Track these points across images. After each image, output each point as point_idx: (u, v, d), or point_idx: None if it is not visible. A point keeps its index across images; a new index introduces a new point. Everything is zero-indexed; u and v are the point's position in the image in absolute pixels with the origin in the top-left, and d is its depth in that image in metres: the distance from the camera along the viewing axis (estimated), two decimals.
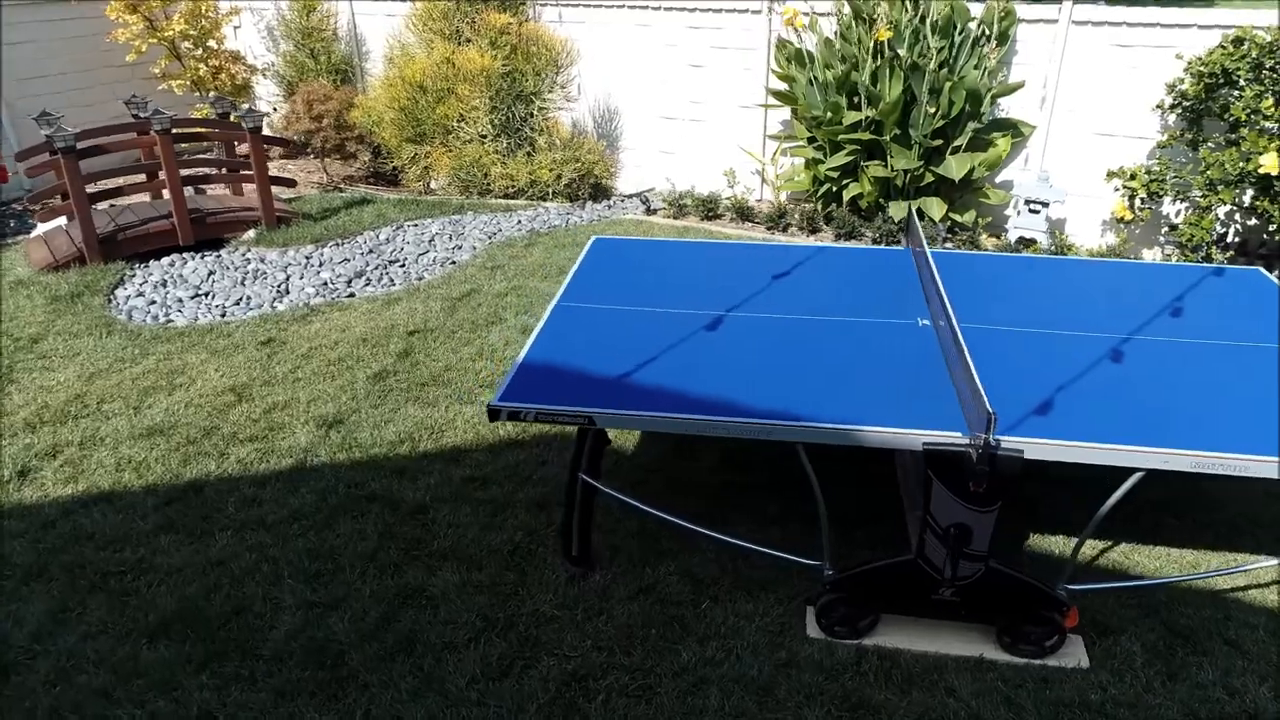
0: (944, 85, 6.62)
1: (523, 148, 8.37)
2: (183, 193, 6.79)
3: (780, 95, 7.51)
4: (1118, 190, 6.57)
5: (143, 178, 7.14)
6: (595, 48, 8.47)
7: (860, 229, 7.25)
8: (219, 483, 4.08)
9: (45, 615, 3.31)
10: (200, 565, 3.55)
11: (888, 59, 6.79)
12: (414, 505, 3.90)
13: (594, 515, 3.47)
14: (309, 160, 9.58)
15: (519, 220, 7.67)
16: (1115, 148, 6.81)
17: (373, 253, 6.90)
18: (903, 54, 6.71)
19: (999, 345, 3.38)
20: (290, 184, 7.86)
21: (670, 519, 3.33)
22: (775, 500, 3.88)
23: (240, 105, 8.41)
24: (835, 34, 7.22)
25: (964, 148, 6.88)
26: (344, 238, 7.17)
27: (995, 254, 4.69)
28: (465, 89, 7.99)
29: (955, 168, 6.74)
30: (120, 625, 3.26)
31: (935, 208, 6.93)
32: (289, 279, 6.40)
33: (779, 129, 8.03)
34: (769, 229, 7.56)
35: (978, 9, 6.77)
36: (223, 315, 5.90)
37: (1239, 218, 6.49)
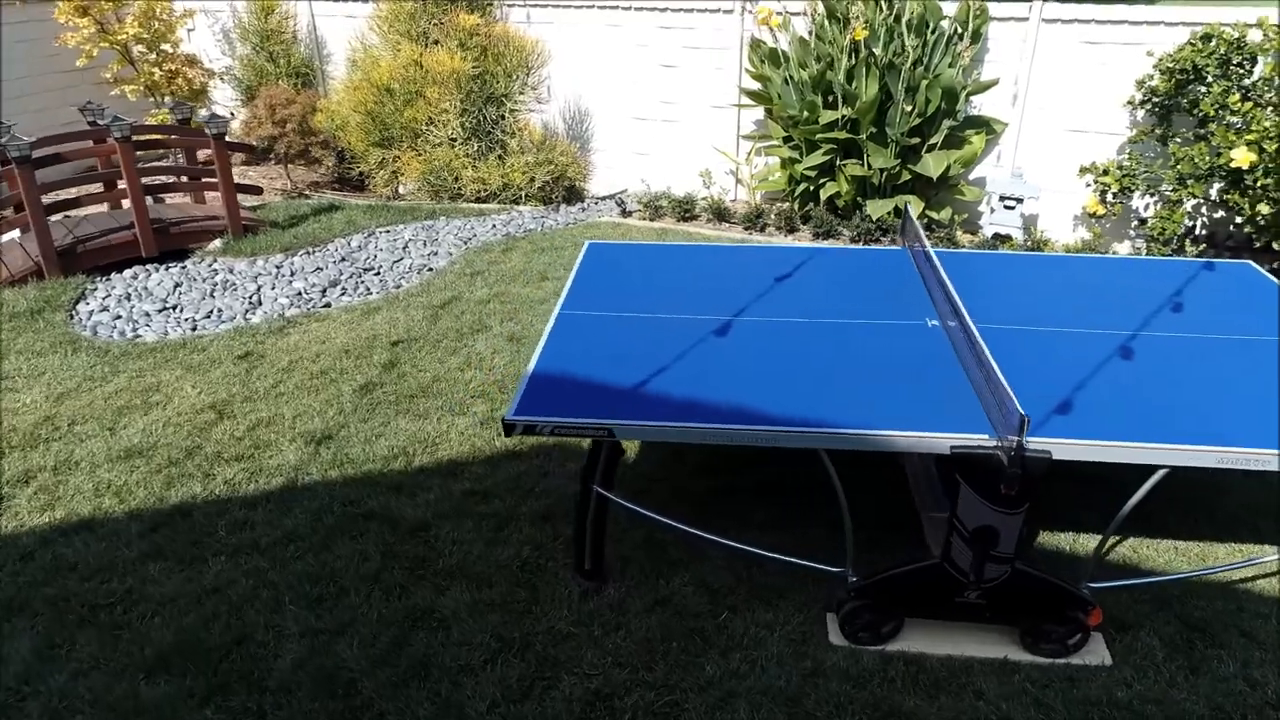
0: (920, 83, 6.65)
1: (494, 150, 8.23)
2: (144, 202, 6.54)
3: (754, 95, 7.50)
4: (1090, 186, 6.67)
5: (100, 187, 6.86)
6: (565, 49, 8.37)
7: (838, 228, 7.26)
8: (206, 505, 3.92)
9: (31, 653, 3.13)
10: (195, 593, 3.40)
11: (863, 58, 6.80)
12: (415, 522, 3.78)
13: (606, 528, 3.39)
14: (270, 166, 9.32)
15: (493, 224, 7.53)
16: (1086, 144, 6.91)
17: (345, 260, 6.72)
18: (878, 53, 6.73)
19: (1007, 344, 3.38)
20: (256, 191, 7.63)
21: (690, 530, 3.26)
22: (777, 506, 3.83)
23: (199, 110, 8.14)
24: (810, 33, 7.22)
25: (939, 145, 6.92)
26: (315, 246, 6.97)
27: (987, 252, 4.71)
28: (434, 91, 7.82)
29: (932, 165, 6.78)
30: (114, 661, 3.09)
31: (912, 205, 6.95)
32: (260, 290, 6.20)
33: (752, 129, 8.01)
34: (746, 229, 7.54)
35: (950, 8, 6.82)
36: (194, 329, 5.68)
37: (1205, 211, 6.63)
